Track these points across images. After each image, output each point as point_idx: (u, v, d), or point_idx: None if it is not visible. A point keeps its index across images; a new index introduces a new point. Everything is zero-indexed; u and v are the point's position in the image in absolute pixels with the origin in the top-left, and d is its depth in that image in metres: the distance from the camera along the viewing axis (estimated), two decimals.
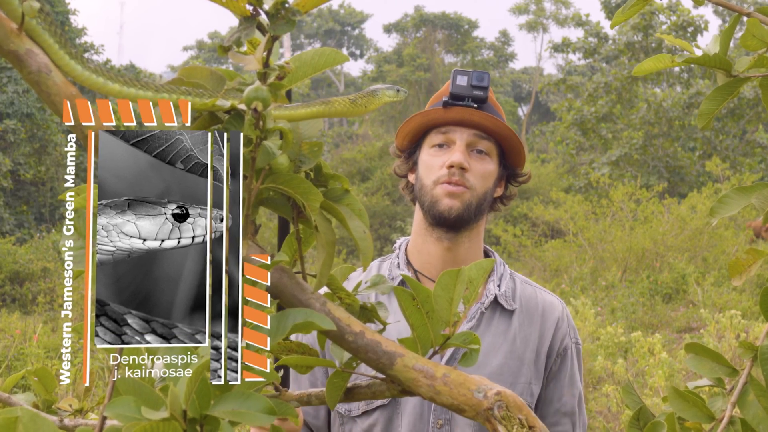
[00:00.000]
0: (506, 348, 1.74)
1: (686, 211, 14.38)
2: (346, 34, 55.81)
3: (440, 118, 1.75)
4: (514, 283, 1.83)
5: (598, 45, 24.88)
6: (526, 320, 1.79)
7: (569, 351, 1.81)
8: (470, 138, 1.74)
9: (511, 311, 1.78)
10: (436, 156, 1.75)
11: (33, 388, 0.95)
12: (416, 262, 1.80)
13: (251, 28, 0.74)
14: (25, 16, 0.70)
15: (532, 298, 1.82)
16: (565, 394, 1.79)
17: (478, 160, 1.74)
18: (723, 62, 0.82)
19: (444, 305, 0.83)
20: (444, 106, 1.74)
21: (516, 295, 1.80)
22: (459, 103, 1.73)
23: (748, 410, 0.77)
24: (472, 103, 1.73)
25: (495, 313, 1.77)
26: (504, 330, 1.75)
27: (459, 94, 1.74)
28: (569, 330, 1.83)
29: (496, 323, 1.76)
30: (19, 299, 14.64)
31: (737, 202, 0.81)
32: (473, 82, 1.74)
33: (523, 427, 0.78)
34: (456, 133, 1.75)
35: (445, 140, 1.75)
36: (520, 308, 1.79)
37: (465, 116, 1.73)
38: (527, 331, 1.78)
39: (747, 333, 7.43)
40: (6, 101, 21.70)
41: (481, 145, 1.75)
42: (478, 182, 1.73)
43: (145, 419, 0.64)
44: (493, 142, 1.76)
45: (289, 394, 0.93)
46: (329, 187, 0.85)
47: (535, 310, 1.80)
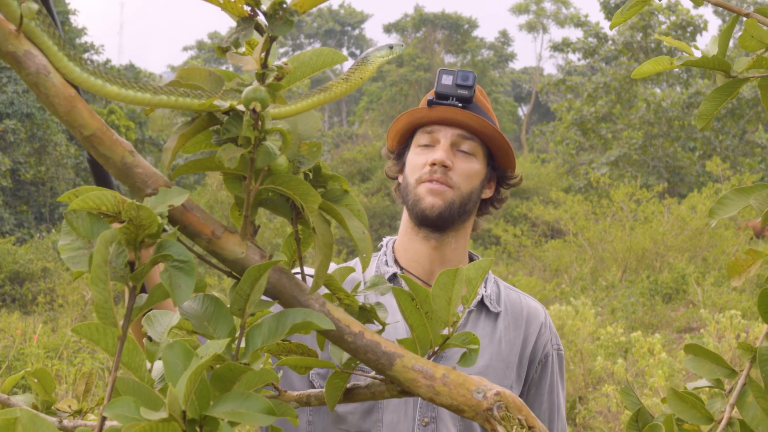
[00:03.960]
0: (492, 349, 1.74)
1: (686, 211, 14.38)
2: (346, 34, 55.79)
3: (425, 117, 1.74)
4: (498, 288, 1.83)
5: (597, 45, 24.88)
6: (511, 323, 1.79)
7: (550, 358, 1.81)
8: (455, 137, 1.73)
9: (496, 314, 1.78)
10: (420, 155, 1.74)
11: (32, 388, 0.96)
12: (403, 260, 1.80)
13: (249, 29, 0.74)
14: (23, 17, 0.70)
15: (517, 302, 1.82)
16: (544, 402, 1.80)
17: (462, 160, 1.73)
18: (722, 63, 0.82)
19: (443, 305, 0.83)
20: (429, 105, 1.73)
21: (501, 299, 1.80)
22: (444, 102, 1.72)
23: (747, 411, 0.77)
24: (457, 103, 1.72)
25: (481, 314, 1.77)
26: (490, 332, 1.75)
27: (444, 93, 1.72)
28: (551, 336, 1.83)
29: (482, 324, 1.76)
30: (19, 299, 14.64)
31: (736, 203, 0.81)
32: (458, 81, 1.73)
33: (522, 427, 0.78)
34: (441, 132, 1.74)
35: (430, 140, 1.74)
36: (505, 311, 1.79)
37: (449, 115, 1.72)
38: (512, 335, 1.77)
39: (747, 333, 7.43)
40: (6, 101, 21.70)
41: (466, 145, 1.74)
42: (462, 181, 1.72)
43: (145, 420, 0.64)
44: (479, 142, 1.75)
45: (288, 395, 0.93)
46: (328, 187, 0.85)
47: (519, 314, 1.80)
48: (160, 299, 0.75)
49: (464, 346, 0.86)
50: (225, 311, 0.78)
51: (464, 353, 0.87)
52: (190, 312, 0.78)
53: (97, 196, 0.71)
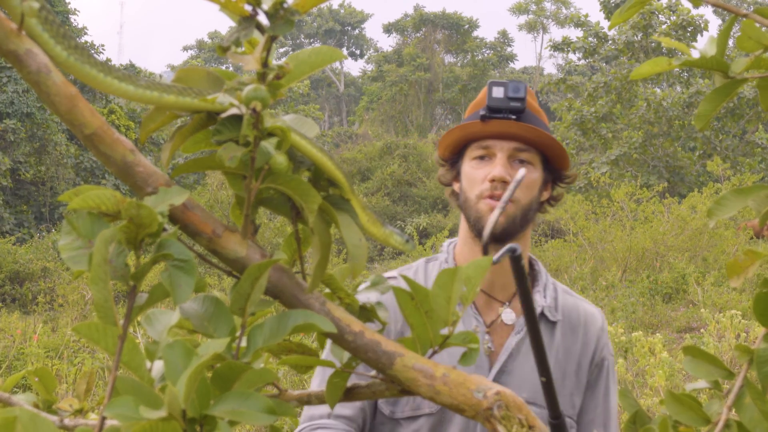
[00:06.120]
0: (551, 360, 1.72)
1: (686, 211, 14.38)
2: (346, 34, 55.81)
3: (479, 132, 1.73)
4: (556, 293, 1.82)
5: (597, 45, 24.88)
6: (568, 331, 1.78)
7: (606, 362, 1.81)
8: (511, 150, 1.72)
9: (554, 323, 1.77)
10: (477, 168, 1.73)
11: (33, 388, 0.96)
12: None
13: (250, 29, 0.74)
14: (24, 16, 0.70)
15: (574, 308, 1.81)
16: (599, 406, 1.79)
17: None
18: (720, 64, 0.82)
19: (442, 304, 0.83)
20: (482, 119, 1.71)
21: (558, 306, 1.80)
22: (496, 115, 1.71)
23: (744, 413, 0.77)
24: (510, 115, 1.70)
25: (540, 325, 1.77)
26: (548, 342, 1.74)
27: (496, 106, 1.71)
28: (607, 342, 1.83)
29: (542, 336, 1.76)
30: (19, 299, 14.65)
31: (734, 203, 0.81)
32: (510, 94, 1.71)
33: (522, 426, 0.78)
34: (496, 146, 1.72)
35: (485, 153, 1.73)
36: (563, 319, 1.79)
37: (504, 129, 1.71)
38: (569, 342, 1.77)
39: (747, 333, 7.43)
40: (6, 101, 21.70)
41: (523, 155, 1.73)
42: (522, 193, 1.72)
43: (144, 419, 0.64)
44: (535, 150, 1.74)
45: (289, 394, 0.93)
46: (330, 192, 0.85)
47: (577, 321, 1.80)
48: (160, 299, 0.75)
49: (464, 345, 0.86)
50: (225, 311, 0.78)
51: (464, 352, 0.87)
52: (191, 312, 0.78)
53: (97, 195, 0.71)
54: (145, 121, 0.82)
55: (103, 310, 0.69)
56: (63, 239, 0.71)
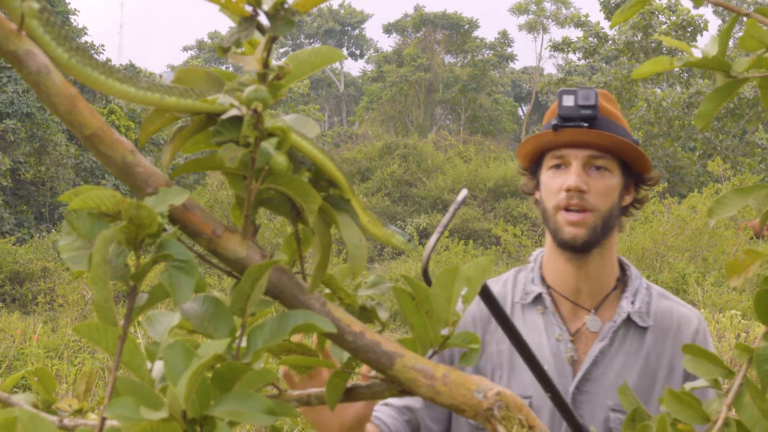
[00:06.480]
0: (639, 366, 1.71)
1: (686, 211, 14.39)
2: (346, 34, 55.83)
3: (552, 142, 1.72)
4: (650, 297, 1.80)
5: (598, 45, 24.90)
6: (660, 336, 1.76)
7: None
8: (585, 158, 1.70)
9: (644, 328, 1.75)
10: (554, 178, 1.73)
11: (33, 388, 0.96)
12: (549, 278, 1.80)
13: (250, 29, 0.74)
14: (24, 16, 0.70)
15: (668, 312, 1.78)
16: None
17: (597, 178, 1.70)
18: (721, 64, 0.82)
19: (442, 304, 0.83)
20: (554, 129, 1.70)
21: (651, 311, 1.77)
22: (569, 124, 1.69)
23: (743, 412, 0.77)
24: (583, 123, 1.69)
25: (628, 331, 1.75)
26: (637, 348, 1.73)
27: (567, 115, 1.69)
28: (705, 345, 1.77)
29: (630, 342, 1.74)
30: (19, 299, 14.66)
31: (735, 203, 0.81)
32: (580, 102, 1.69)
33: (523, 427, 0.78)
34: (571, 154, 1.71)
35: (561, 161, 1.72)
36: (655, 324, 1.76)
37: (576, 138, 1.69)
38: (661, 347, 1.75)
39: (747, 333, 7.43)
40: (6, 101, 21.71)
41: (599, 162, 1.71)
42: (600, 201, 1.70)
43: (145, 419, 0.64)
44: (611, 156, 1.72)
45: (289, 394, 0.93)
46: (330, 192, 0.85)
47: (669, 325, 1.77)
48: (160, 299, 0.75)
49: (464, 345, 0.86)
50: (225, 311, 0.78)
51: (464, 353, 0.87)
52: (191, 312, 0.78)
53: (97, 195, 0.71)
54: (145, 123, 0.82)
55: (103, 310, 0.69)
56: (63, 239, 0.71)
